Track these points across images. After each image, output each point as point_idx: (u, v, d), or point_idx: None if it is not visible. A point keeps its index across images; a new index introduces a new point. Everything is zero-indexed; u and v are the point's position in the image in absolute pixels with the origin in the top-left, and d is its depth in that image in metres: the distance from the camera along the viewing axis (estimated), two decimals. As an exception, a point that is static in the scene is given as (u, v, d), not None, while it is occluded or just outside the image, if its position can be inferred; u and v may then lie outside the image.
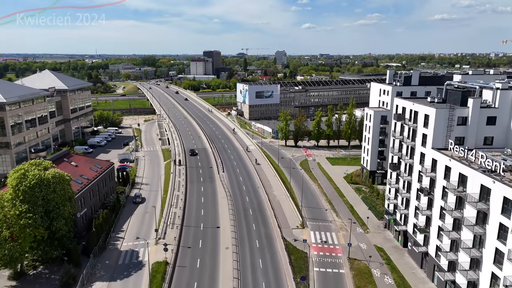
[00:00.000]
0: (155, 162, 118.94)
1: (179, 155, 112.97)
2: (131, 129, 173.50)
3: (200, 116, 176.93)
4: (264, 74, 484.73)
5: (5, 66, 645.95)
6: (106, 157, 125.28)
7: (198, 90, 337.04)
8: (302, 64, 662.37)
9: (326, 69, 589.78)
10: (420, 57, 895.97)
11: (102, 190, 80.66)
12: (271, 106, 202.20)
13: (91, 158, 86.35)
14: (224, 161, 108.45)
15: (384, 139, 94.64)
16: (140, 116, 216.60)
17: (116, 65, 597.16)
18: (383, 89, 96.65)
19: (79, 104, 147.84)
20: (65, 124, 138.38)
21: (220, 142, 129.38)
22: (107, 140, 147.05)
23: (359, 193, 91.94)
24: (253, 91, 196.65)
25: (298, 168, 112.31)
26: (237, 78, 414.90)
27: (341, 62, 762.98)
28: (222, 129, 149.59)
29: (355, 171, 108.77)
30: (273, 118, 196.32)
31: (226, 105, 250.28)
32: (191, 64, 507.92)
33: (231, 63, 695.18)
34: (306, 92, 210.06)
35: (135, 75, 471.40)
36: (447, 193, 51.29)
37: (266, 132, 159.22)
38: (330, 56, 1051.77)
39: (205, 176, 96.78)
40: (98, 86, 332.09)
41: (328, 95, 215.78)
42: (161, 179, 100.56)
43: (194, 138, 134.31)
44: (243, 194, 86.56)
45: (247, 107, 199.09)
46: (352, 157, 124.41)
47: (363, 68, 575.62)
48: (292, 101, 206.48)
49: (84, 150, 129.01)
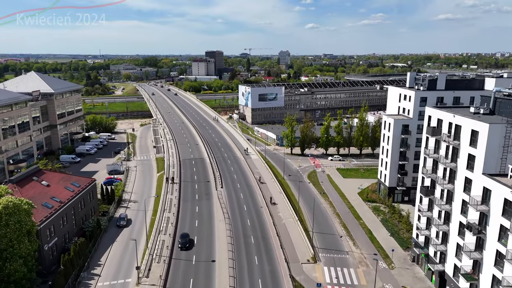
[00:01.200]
0: (147, 174, 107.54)
1: (173, 166, 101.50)
2: (126, 134, 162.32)
3: (198, 120, 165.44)
4: (268, 74, 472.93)
5: (5, 66, 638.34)
6: (95, 167, 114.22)
7: (199, 91, 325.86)
8: (306, 64, 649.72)
9: (330, 70, 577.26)
10: (425, 57, 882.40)
11: (79, 213, 69.26)
12: (275, 110, 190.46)
13: (68, 175, 75.01)
14: (223, 173, 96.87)
15: (406, 151, 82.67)
16: (137, 119, 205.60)
17: (117, 65, 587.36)
18: (404, 94, 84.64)
19: (68, 108, 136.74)
20: (52, 131, 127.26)
21: (219, 151, 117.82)
22: (98, 147, 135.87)
23: (378, 214, 79.98)
24: (256, 94, 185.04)
25: (306, 182, 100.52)
26: (240, 79, 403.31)
27: (346, 62, 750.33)
28: (222, 135, 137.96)
29: (370, 185, 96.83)
30: (277, 122, 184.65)
31: (228, 107, 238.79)
32: (193, 64, 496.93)
33: (234, 64, 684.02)
34: (312, 94, 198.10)
35: (136, 75, 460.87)
36: (508, 235, 39.37)
37: (270, 139, 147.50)
38: (333, 56, 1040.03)
39: (201, 192, 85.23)
40: (96, 88, 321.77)
41: (335, 98, 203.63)
42: (152, 194, 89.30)
43: (191, 146, 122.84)
44: (244, 216, 74.92)
45: (249, 111, 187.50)
46: (366, 168, 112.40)
47: (368, 69, 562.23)
48: (297, 104, 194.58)
49: (71, 160, 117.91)
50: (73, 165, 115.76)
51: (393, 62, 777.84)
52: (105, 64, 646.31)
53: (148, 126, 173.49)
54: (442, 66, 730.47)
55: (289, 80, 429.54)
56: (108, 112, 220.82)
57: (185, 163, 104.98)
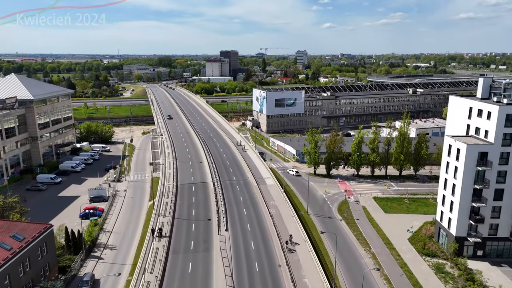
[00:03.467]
0: (136, 202, 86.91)
1: (168, 195, 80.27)
2: (124, 144, 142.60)
3: (205, 130, 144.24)
4: (284, 75, 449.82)
5: (19, 66, 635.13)
6: (77, 191, 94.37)
7: (211, 93, 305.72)
8: (324, 64, 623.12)
9: (350, 70, 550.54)
10: (449, 57, 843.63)
11: (22, 279, 48.75)
12: (293, 117, 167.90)
13: (10, 222, 54.33)
14: (230, 207, 75.12)
15: (482, 189, 59.22)
16: (140, 126, 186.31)
17: (130, 65, 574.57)
18: (479, 109, 61.09)
19: (54, 116, 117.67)
20: (32, 144, 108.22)
21: (227, 172, 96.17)
22: (87, 162, 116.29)
23: (444, 279, 56.67)
24: (272, 99, 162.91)
25: (337, 218, 77.92)
26: (255, 80, 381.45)
27: (365, 62, 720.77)
28: (232, 150, 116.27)
29: (423, 226, 73.48)
30: (296, 132, 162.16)
31: (241, 112, 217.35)
32: (207, 64, 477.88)
33: (249, 64, 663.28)
34: (336, 99, 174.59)
35: (148, 76, 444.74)
36: None
37: (288, 153, 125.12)
38: (351, 56, 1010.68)
39: (198, 238, 63.69)
40: (103, 89, 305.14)
41: (362, 103, 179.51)
42: (136, 234, 68.72)
43: (193, 165, 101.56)
44: (254, 281, 52.96)
45: (264, 118, 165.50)
46: (410, 197, 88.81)
47: (391, 69, 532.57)
48: (319, 110, 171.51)
49: (50, 180, 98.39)
50: (51, 187, 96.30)
51: (414, 62, 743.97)
52: (119, 64, 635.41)
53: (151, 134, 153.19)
54: (468, 67, 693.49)
55: (307, 81, 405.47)
56: (110, 117, 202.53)
57: (183, 190, 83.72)
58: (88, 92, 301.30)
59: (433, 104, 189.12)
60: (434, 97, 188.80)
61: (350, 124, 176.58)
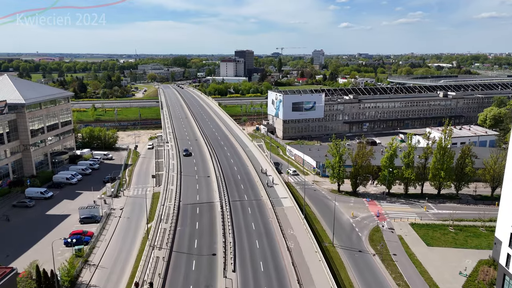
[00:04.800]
0: (132, 224, 75.17)
1: (167, 219, 68.19)
2: (128, 151, 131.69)
3: (216, 137, 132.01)
4: (301, 75, 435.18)
5: (36, 66, 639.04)
6: (69, 208, 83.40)
7: (225, 94, 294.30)
8: (341, 64, 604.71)
9: (369, 70, 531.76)
10: (472, 57, 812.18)
11: None
12: (312, 122, 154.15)
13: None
14: (240, 238, 62.41)
15: None
16: (148, 130, 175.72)
17: (145, 65, 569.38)
18: None
19: (50, 121, 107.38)
20: (24, 153, 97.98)
21: (237, 189, 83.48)
22: (85, 172, 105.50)
23: None
24: (289, 102, 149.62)
25: (369, 252, 64.29)
26: (270, 81, 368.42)
27: (384, 62, 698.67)
28: (245, 163, 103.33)
29: (478, 266, 59.21)
30: (315, 138, 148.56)
31: (255, 115, 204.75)
32: (221, 64, 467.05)
33: (265, 64, 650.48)
34: (359, 102, 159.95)
35: (161, 76, 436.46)
36: None
37: (307, 164, 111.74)
38: (369, 56, 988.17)
39: (198, 283, 51.08)
40: (114, 90, 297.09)
41: (388, 107, 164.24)
42: (126, 270, 56.90)
43: (200, 180, 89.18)
44: None
45: (280, 123, 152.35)
46: (456, 225, 74.30)
47: (412, 69, 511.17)
48: (340, 114, 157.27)
49: (39, 195, 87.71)
50: (40, 203, 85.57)
51: (435, 62, 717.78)
52: (135, 64, 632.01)
53: (157, 141, 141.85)
54: (493, 67, 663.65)
55: (324, 82, 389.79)
56: (117, 120, 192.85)
57: (185, 213, 71.46)
58: (99, 93, 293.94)
59: (466, 109, 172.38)
60: (467, 101, 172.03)
61: (374, 130, 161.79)
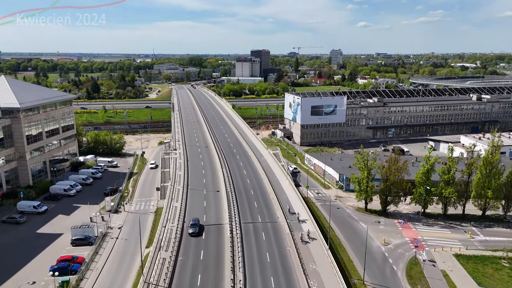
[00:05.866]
0: (130, 248, 65.85)
1: (168, 245, 58.56)
2: (134, 158, 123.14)
3: (227, 143, 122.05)
4: (318, 76, 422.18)
5: (54, 65, 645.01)
6: (63, 225, 75.02)
7: (240, 96, 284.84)
8: (360, 64, 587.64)
9: (389, 70, 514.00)
10: (497, 57, 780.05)
11: None
12: (333, 127, 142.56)
13: None
14: (252, 274, 52.19)
15: None
16: (158, 134, 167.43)
17: (161, 65, 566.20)
18: None
19: (49, 126, 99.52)
20: (19, 161, 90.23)
21: (250, 208, 72.99)
22: (86, 182, 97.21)
23: None
24: (307, 105, 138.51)
25: (408, 294, 53.03)
26: (287, 81, 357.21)
27: (404, 62, 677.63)
28: (258, 172, 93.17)
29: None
30: (336, 145, 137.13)
31: (271, 118, 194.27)
32: (236, 64, 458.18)
33: (281, 63, 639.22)
34: (385, 106, 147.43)
35: (176, 76, 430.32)
36: None
37: (328, 176, 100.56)
38: (388, 55, 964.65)
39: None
40: (128, 90, 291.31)
41: (415, 111, 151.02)
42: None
43: (208, 196, 79.12)
44: None
45: (298, 128, 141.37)
46: (511, 257, 62.07)
47: (435, 69, 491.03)
48: (363, 119, 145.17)
49: (32, 209, 79.54)
50: (33, 219, 77.40)
51: (458, 62, 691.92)
52: (151, 64, 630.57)
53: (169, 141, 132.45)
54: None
55: (343, 83, 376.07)
56: (127, 122, 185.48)
57: (189, 237, 61.59)
58: (112, 93, 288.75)
59: (502, 114, 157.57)
60: (504, 105, 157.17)
61: (400, 136, 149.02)
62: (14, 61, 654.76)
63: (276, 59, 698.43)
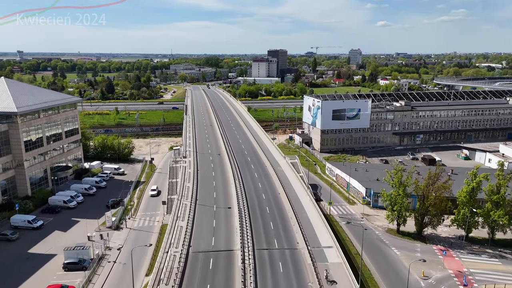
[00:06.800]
0: (127, 276, 57.60)
1: (168, 278, 50.06)
2: (143, 164, 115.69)
3: (241, 151, 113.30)
4: (337, 76, 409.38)
5: (73, 65, 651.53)
6: (58, 243, 67.60)
7: (256, 97, 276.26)
8: (380, 64, 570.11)
9: (410, 71, 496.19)
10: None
11: None
12: (356, 133, 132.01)
13: None
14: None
15: None
16: (171, 138, 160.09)
17: (177, 65, 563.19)
18: None
19: (51, 131, 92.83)
20: (17, 169, 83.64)
21: (266, 231, 63.77)
22: (89, 192, 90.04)
23: None
24: (329, 109, 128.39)
25: None
26: (305, 82, 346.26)
27: (426, 62, 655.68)
28: (274, 184, 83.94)
29: None
30: (359, 152, 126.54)
31: (288, 121, 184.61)
32: (253, 64, 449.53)
33: (299, 63, 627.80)
34: (413, 110, 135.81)
35: (192, 76, 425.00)
36: None
37: (353, 190, 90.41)
38: (408, 55, 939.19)
39: None
40: (142, 91, 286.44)
41: (446, 116, 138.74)
42: None
43: (218, 214, 70.34)
44: None
45: (318, 133, 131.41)
46: None
47: (460, 70, 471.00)
48: (389, 124, 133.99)
49: (27, 224, 72.55)
50: (26, 236, 70.37)
51: (482, 62, 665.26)
52: (168, 64, 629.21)
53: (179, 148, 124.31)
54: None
55: (364, 83, 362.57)
56: (139, 125, 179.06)
57: (194, 267, 52.95)
58: (127, 94, 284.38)
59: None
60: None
61: (430, 143, 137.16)
62: (34, 61, 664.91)
63: (293, 59, 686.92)
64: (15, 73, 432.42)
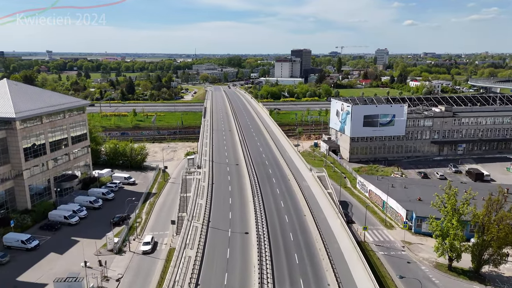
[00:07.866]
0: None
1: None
2: (156, 173, 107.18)
3: (262, 162, 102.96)
4: (364, 77, 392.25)
5: (98, 65, 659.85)
6: (52, 269, 59.35)
7: (278, 98, 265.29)
8: (408, 64, 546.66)
9: (441, 71, 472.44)
10: None
11: None
12: (390, 141, 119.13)
13: None
14: None
15: None
16: (187, 143, 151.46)
17: (199, 65, 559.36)
18: None
19: (54, 137, 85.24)
20: (16, 180, 76.35)
21: (289, 263, 53.58)
22: (94, 206, 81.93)
23: None
24: (359, 115, 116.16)
25: None
26: (329, 82, 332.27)
27: (457, 62, 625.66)
28: (300, 208, 72.86)
29: None
30: (392, 162, 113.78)
31: (312, 125, 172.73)
32: (276, 64, 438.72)
33: (323, 63, 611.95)
34: (454, 117, 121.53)
35: (214, 77, 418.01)
36: None
37: (390, 211, 78.31)
38: (436, 55, 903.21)
39: None
40: (162, 92, 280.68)
41: (493, 123, 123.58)
42: None
43: (233, 240, 60.17)
44: None
45: (346, 141, 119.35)
46: None
47: (496, 71, 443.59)
48: (427, 131, 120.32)
49: (21, 245, 64.74)
50: (18, 258, 62.43)
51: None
52: (190, 64, 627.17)
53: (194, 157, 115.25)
54: None
55: (392, 85, 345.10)
56: (156, 128, 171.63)
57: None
58: (147, 94, 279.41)
59: None
60: None
61: (473, 154, 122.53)
62: (61, 61, 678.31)
63: (317, 59, 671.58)
64: (41, 72, 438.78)
